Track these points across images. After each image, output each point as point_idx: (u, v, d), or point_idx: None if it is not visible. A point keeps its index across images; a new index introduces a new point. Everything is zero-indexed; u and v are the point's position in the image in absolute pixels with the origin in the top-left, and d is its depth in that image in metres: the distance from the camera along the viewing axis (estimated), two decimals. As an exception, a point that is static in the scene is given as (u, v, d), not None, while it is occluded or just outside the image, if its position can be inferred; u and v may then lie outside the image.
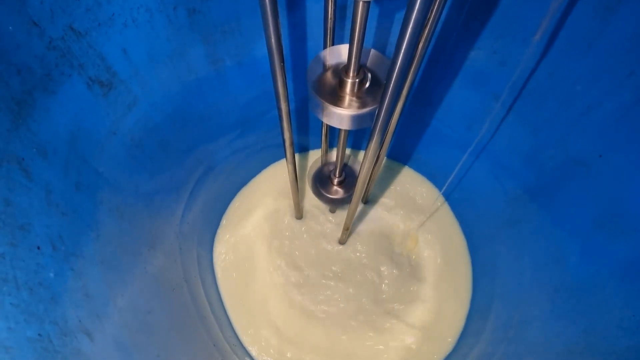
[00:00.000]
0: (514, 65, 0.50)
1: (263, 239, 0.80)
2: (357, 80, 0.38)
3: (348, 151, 0.87)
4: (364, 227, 0.81)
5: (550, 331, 0.49)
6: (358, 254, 0.78)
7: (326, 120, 0.41)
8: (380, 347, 0.71)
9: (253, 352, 0.72)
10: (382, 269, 0.77)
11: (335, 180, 0.65)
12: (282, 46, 0.33)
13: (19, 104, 0.33)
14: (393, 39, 0.57)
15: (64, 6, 0.34)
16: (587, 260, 0.46)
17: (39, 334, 0.29)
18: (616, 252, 0.42)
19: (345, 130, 0.51)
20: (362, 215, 0.82)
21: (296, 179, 0.60)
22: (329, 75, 0.41)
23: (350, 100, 0.39)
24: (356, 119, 0.39)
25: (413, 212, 0.82)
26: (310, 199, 0.81)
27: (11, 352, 0.26)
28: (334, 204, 0.72)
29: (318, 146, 0.87)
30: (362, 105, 0.39)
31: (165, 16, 0.44)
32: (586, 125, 0.46)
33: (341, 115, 0.39)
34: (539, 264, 0.56)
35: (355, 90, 0.39)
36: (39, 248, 0.32)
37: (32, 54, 0.33)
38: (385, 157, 0.67)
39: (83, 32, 0.37)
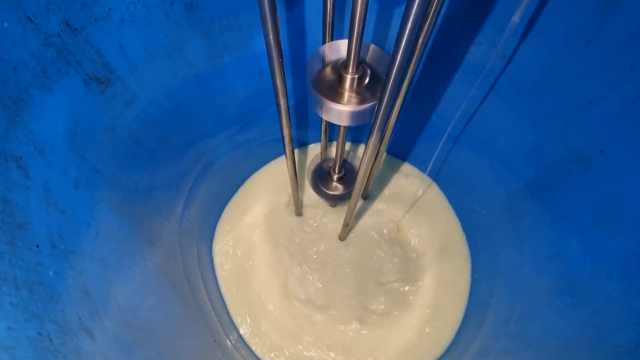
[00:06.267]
0: (515, 59, 0.50)
1: (263, 234, 0.80)
2: (356, 76, 0.38)
3: (348, 147, 0.86)
4: (363, 223, 0.81)
5: (550, 326, 0.49)
6: (357, 249, 0.78)
7: (325, 117, 0.40)
8: (380, 341, 0.72)
9: (253, 347, 0.72)
10: (381, 264, 0.77)
11: (335, 177, 0.65)
12: (280, 42, 0.33)
13: (16, 101, 0.32)
14: (393, 33, 0.56)
15: (59, 2, 0.34)
16: (587, 256, 0.46)
17: (39, 333, 0.29)
18: (616, 248, 0.42)
19: (344, 126, 0.51)
20: (362, 210, 0.82)
21: (296, 175, 0.59)
22: (328, 71, 0.40)
23: (350, 96, 0.39)
24: (355, 115, 0.39)
25: (413, 207, 0.82)
26: (310, 194, 0.81)
27: (11, 352, 0.26)
28: (334, 200, 0.72)
29: (318, 140, 0.87)
30: (362, 101, 0.38)
31: (162, 11, 0.44)
32: (587, 121, 0.46)
33: (340, 111, 0.39)
34: (538, 259, 0.56)
35: (355, 86, 0.39)
36: (38, 247, 0.32)
37: (28, 50, 0.33)
38: (385, 153, 0.67)
39: (79, 28, 0.37)
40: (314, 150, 0.87)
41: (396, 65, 0.29)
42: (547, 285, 0.52)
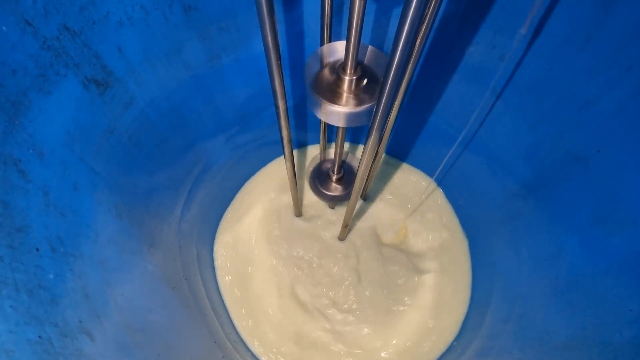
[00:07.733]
0: (513, 60, 0.50)
1: (262, 236, 0.80)
2: (354, 77, 0.38)
3: (347, 147, 0.86)
4: (363, 223, 0.81)
5: (549, 325, 0.49)
6: (357, 250, 0.78)
7: (324, 118, 0.40)
8: (380, 342, 0.72)
9: (253, 347, 0.72)
10: (381, 264, 0.77)
11: (334, 177, 0.65)
12: (278, 44, 0.33)
13: (14, 104, 0.32)
14: (391, 35, 0.57)
15: (57, 5, 0.34)
16: (585, 255, 0.46)
17: (40, 336, 0.29)
18: (614, 247, 0.42)
19: (343, 127, 0.51)
20: (361, 211, 0.82)
21: (295, 176, 0.59)
22: (326, 72, 0.40)
23: (348, 98, 0.39)
24: (354, 116, 0.39)
25: (412, 207, 0.82)
26: (310, 195, 0.81)
27: (12, 355, 0.26)
28: (333, 201, 0.72)
29: (317, 141, 0.87)
30: (360, 102, 0.38)
31: (160, 13, 0.44)
32: (584, 120, 0.46)
33: (339, 112, 0.39)
34: (537, 259, 0.56)
35: (353, 87, 0.39)
36: (37, 250, 0.32)
37: (27, 54, 0.33)
38: (384, 153, 0.67)
39: (78, 31, 0.37)
40: (313, 151, 0.88)
41: (394, 66, 0.29)
42: (546, 284, 0.52)
